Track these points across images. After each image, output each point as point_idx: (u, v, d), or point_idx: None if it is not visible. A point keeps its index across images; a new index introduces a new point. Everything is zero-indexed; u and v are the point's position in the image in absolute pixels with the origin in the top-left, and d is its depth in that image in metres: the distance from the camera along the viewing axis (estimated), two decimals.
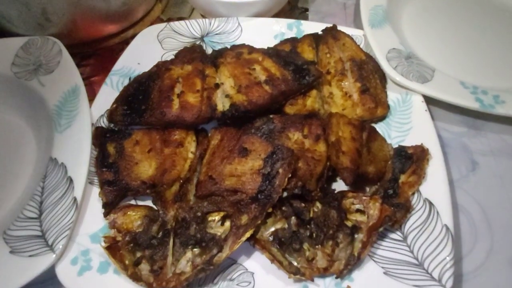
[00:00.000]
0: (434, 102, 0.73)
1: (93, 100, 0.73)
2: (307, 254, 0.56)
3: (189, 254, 0.56)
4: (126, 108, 0.69)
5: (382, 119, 0.72)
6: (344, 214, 0.58)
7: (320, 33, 0.81)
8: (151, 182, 0.62)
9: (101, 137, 0.67)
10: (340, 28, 0.81)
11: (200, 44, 0.83)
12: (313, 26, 0.83)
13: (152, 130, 0.68)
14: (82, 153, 0.63)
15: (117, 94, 0.71)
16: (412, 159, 0.63)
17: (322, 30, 0.81)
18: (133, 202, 0.64)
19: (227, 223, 0.58)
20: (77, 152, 0.63)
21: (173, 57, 0.78)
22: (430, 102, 0.72)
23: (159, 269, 0.55)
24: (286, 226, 0.58)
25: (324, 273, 0.55)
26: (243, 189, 0.58)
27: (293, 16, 0.97)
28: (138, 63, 0.79)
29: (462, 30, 0.88)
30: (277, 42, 0.81)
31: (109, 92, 0.74)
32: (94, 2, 0.79)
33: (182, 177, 0.63)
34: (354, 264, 0.55)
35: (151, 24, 0.89)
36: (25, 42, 0.77)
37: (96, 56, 0.89)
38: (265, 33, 0.84)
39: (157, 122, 0.67)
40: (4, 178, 0.68)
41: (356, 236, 0.56)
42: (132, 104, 0.69)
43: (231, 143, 0.64)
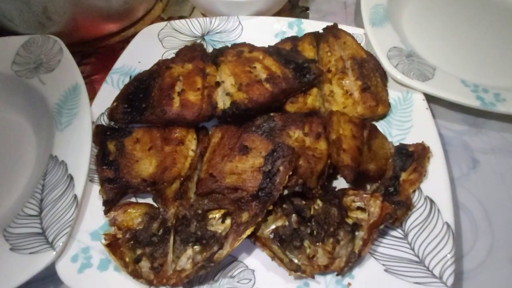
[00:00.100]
0: (435, 100, 0.73)
1: (93, 98, 0.73)
2: (308, 251, 0.56)
3: (189, 252, 0.56)
4: (126, 106, 0.69)
5: (383, 117, 0.71)
6: (344, 212, 0.58)
7: (320, 31, 0.81)
8: (152, 180, 0.62)
9: (101, 135, 0.67)
10: (340, 26, 0.81)
11: (200, 42, 0.83)
12: (313, 25, 0.83)
13: (152, 128, 0.68)
14: (83, 151, 0.63)
15: (117, 93, 0.72)
16: (413, 157, 0.63)
17: (323, 29, 0.81)
18: (133, 199, 0.65)
19: (228, 221, 0.58)
20: (77, 150, 0.63)
21: (173, 55, 0.78)
22: (431, 100, 0.72)
23: (160, 266, 0.55)
24: (286, 223, 0.58)
25: (324, 270, 0.55)
26: (244, 186, 0.58)
27: (293, 15, 0.97)
28: (139, 62, 0.79)
29: (462, 29, 0.88)
30: (277, 40, 0.82)
31: (109, 90, 0.74)
32: (95, 1, 0.79)
33: (182, 175, 0.63)
34: (354, 261, 0.54)
35: (152, 23, 0.89)
36: (25, 40, 0.77)
37: (96, 54, 0.89)
38: (265, 31, 0.84)
39: (157, 120, 0.67)
40: (4, 176, 0.68)
41: (356, 233, 0.56)
42: (132, 102, 0.69)
43: (232, 141, 0.64)
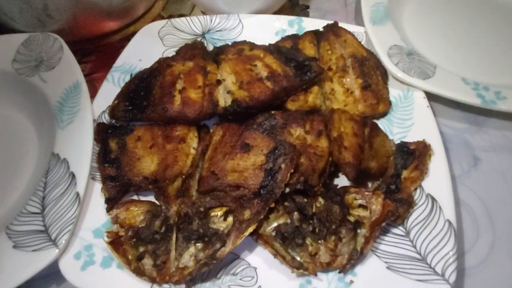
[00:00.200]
0: (436, 98, 0.73)
1: (94, 96, 0.73)
2: (310, 249, 0.56)
3: (192, 249, 0.56)
4: (127, 104, 0.69)
5: (384, 115, 0.72)
6: (346, 209, 0.58)
7: (321, 29, 0.81)
8: (153, 178, 0.62)
9: (103, 133, 0.67)
10: (341, 25, 0.81)
11: (201, 41, 0.83)
12: (314, 23, 0.83)
13: (154, 126, 0.68)
14: (84, 148, 0.63)
15: (118, 91, 0.72)
16: (414, 155, 0.64)
17: (323, 27, 0.81)
18: (135, 197, 0.65)
19: (230, 218, 0.58)
20: (79, 147, 0.63)
21: (174, 53, 0.78)
22: (432, 99, 0.72)
23: (162, 263, 0.55)
24: (288, 221, 0.58)
25: (327, 267, 0.55)
26: (246, 184, 0.58)
27: (294, 13, 0.97)
28: (140, 60, 0.79)
29: (463, 27, 0.88)
30: (278, 39, 0.81)
31: (110, 88, 0.74)
32: None
33: (184, 172, 0.63)
34: (357, 259, 0.55)
35: (152, 21, 0.89)
36: (26, 38, 0.77)
37: (97, 52, 0.89)
38: (266, 30, 0.84)
39: (159, 118, 0.67)
40: (6, 174, 0.68)
41: (359, 231, 0.57)
42: (133, 100, 0.69)
43: (233, 139, 0.64)
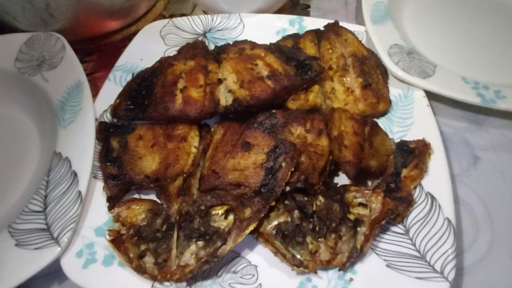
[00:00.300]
0: (436, 97, 0.73)
1: (96, 95, 0.73)
2: (310, 247, 0.57)
3: (193, 247, 0.56)
4: (129, 103, 0.69)
5: (384, 114, 0.72)
6: (346, 208, 0.58)
7: (322, 29, 0.81)
8: (155, 176, 0.62)
9: (104, 132, 0.67)
10: (341, 24, 0.81)
11: (202, 40, 0.83)
12: (315, 22, 0.84)
13: (155, 125, 0.68)
14: (86, 147, 0.63)
15: (120, 90, 0.72)
16: (414, 154, 0.64)
17: (324, 26, 0.81)
18: (136, 196, 0.65)
19: (231, 217, 0.58)
20: (81, 146, 0.64)
21: (175, 53, 0.78)
22: (432, 97, 0.72)
23: (164, 261, 0.56)
24: (289, 219, 0.58)
25: (327, 265, 0.56)
26: (246, 183, 0.59)
27: (295, 12, 0.97)
28: (141, 59, 0.79)
29: (463, 26, 0.88)
30: (279, 38, 0.82)
31: (112, 87, 0.74)
32: None
33: (185, 171, 0.63)
34: (356, 257, 0.55)
35: (154, 20, 0.89)
36: (28, 38, 0.78)
37: (99, 52, 0.89)
38: (267, 29, 0.84)
39: (160, 117, 0.67)
40: (9, 172, 0.68)
41: (358, 229, 0.57)
42: (135, 99, 0.69)
43: (234, 138, 0.65)
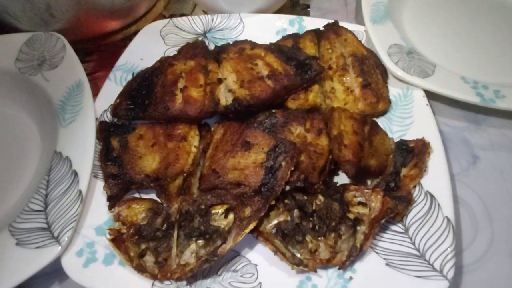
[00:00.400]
0: (435, 97, 0.73)
1: (96, 95, 0.73)
2: (310, 246, 0.57)
3: (193, 246, 0.56)
4: (129, 103, 0.69)
5: (383, 114, 0.72)
6: (346, 207, 0.58)
7: (321, 29, 0.81)
8: (155, 176, 0.63)
9: (105, 131, 0.67)
10: (341, 24, 0.81)
11: (202, 40, 0.84)
12: (314, 22, 0.84)
13: (155, 124, 0.68)
14: (87, 147, 0.64)
15: (120, 89, 0.72)
16: (413, 153, 0.64)
17: (324, 26, 0.81)
18: (137, 195, 0.65)
19: (231, 216, 0.58)
20: (81, 146, 0.64)
21: (175, 53, 0.78)
22: (431, 97, 0.72)
23: (164, 260, 0.56)
24: (289, 218, 0.59)
25: (326, 264, 0.56)
26: (246, 182, 0.59)
27: (294, 12, 0.98)
28: (141, 59, 0.79)
29: (463, 26, 0.89)
30: (279, 38, 0.82)
31: (112, 87, 0.74)
32: None
33: (185, 170, 0.64)
34: (356, 255, 0.55)
35: (154, 20, 0.90)
36: (29, 37, 0.78)
37: (99, 52, 0.89)
38: (267, 29, 0.84)
39: (160, 116, 0.67)
40: (9, 172, 0.68)
41: (358, 228, 0.57)
42: (135, 99, 0.69)
43: (234, 137, 0.65)
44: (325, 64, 0.75)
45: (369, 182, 0.65)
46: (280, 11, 0.92)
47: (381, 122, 0.70)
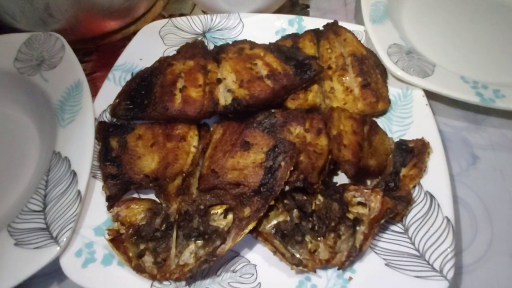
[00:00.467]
0: (435, 96, 0.73)
1: (95, 95, 0.73)
2: (309, 246, 0.57)
3: (192, 246, 0.56)
4: (128, 103, 0.69)
5: (383, 114, 0.72)
6: (345, 207, 0.58)
7: (321, 28, 0.81)
8: (154, 176, 0.62)
9: (104, 131, 0.67)
10: (341, 24, 0.81)
11: (201, 40, 0.83)
12: (314, 22, 0.84)
13: (154, 124, 0.68)
14: (86, 147, 0.63)
15: (119, 90, 0.72)
16: (413, 153, 0.64)
17: (323, 26, 0.81)
18: (136, 195, 0.65)
19: (230, 216, 0.58)
20: (80, 146, 0.64)
21: (175, 53, 0.78)
22: (431, 97, 0.72)
23: (163, 261, 0.56)
24: (288, 218, 0.59)
25: (326, 264, 0.56)
26: (246, 182, 0.59)
27: (294, 12, 0.97)
28: (140, 59, 0.79)
29: (462, 25, 0.89)
30: (278, 38, 0.82)
31: (111, 87, 0.74)
32: None
33: (184, 171, 0.63)
34: (356, 256, 0.55)
35: (153, 20, 0.90)
36: (28, 38, 0.78)
37: (98, 52, 0.89)
38: (266, 29, 0.84)
39: (159, 116, 0.67)
40: (8, 172, 0.68)
41: (357, 228, 0.57)
42: (134, 99, 0.69)
43: (233, 137, 0.65)
44: (324, 64, 0.75)
45: (368, 182, 0.65)
46: (279, 11, 0.92)
47: (380, 122, 0.70)
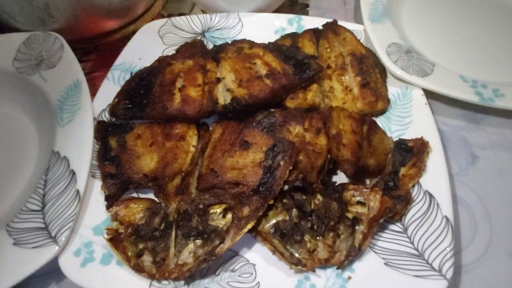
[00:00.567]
0: (434, 96, 0.73)
1: (94, 95, 0.73)
2: (308, 245, 0.57)
3: (191, 246, 0.56)
4: (127, 102, 0.69)
5: (382, 113, 0.72)
6: (345, 206, 0.58)
7: (320, 28, 0.81)
8: (153, 175, 0.62)
9: (103, 131, 0.67)
10: (340, 23, 0.81)
11: (201, 39, 0.83)
12: (313, 21, 0.84)
13: (153, 124, 0.68)
14: (85, 146, 0.63)
15: (118, 89, 0.72)
16: (412, 152, 0.64)
17: (323, 25, 0.81)
18: (135, 195, 0.65)
19: (229, 215, 0.58)
20: (79, 145, 0.64)
21: (174, 52, 0.78)
22: (430, 96, 0.72)
23: (162, 260, 0.56)
24: (287, 218, 0.58)
25: (325, 264, 0.56)
26: (245, 181, 0.59)
27: (293, 11, 0.97)
28: (140, 58, 0.79)
29: (461, 25, 0.89)
30: (277, 37, 0.82)
31: (110, 86, 0.74)
32: None
33: (183, 170, 0.63)
34: (355, 255, 0.55)
35: (152, 19, 0.90)
36: (27, 37, 0.78)
37: (97, 51, 0.89)
38: (265, 28, 0.84)
39: (158, 116, 0.67)
40: (7, 171, 0.68)
41: (357, 227, 0.57)
42: (133, 98, 0.69)
43: (233, 137, 0.65)
44: (323, 63, 0.75)
45: (368, 182, 0.65)
46: (278, 10, 0.92)
47: (380, 121, 0.70)
